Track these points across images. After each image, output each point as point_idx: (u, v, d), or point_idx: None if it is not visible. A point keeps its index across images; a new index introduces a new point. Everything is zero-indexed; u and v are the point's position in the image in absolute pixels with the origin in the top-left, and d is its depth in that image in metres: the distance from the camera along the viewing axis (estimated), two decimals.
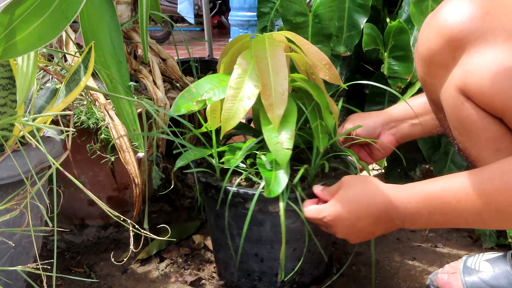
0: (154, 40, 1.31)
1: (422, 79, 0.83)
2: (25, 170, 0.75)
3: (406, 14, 1.21)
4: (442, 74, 0.76)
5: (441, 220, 0.75)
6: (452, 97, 0.74)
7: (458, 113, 0.75)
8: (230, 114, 0.84)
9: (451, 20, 0.73)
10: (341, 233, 0.83)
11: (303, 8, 1.18)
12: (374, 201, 0.79)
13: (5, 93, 0.77)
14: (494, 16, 0.71)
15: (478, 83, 0.70)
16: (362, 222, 0.81)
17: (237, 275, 0.96)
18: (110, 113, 1.03)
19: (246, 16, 3.30)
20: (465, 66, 0.72)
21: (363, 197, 0.81)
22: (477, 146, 0.75)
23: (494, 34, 0.70)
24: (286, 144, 0.82)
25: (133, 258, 1.11)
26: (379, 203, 0.79)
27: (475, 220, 0.72)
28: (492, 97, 0.69)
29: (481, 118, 0.72)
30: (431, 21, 0.77)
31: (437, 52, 0.76)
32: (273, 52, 0.85)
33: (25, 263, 0.82)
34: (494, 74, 0.68)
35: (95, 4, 0.93)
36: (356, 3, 1.23)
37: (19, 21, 0.66)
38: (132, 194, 1.05)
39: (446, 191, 0.73)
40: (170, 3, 5.08)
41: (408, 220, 0.78)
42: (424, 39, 0.78)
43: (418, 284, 1.05)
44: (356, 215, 0.80)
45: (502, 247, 1.17)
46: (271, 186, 0.82)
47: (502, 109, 0.70)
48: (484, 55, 0.70)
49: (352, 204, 0.81)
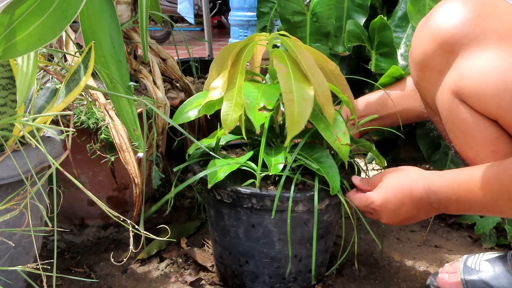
0: (154, 40, 1.31)
1: (416, 83, 0.84)
2: (25, 170, 0.75)
3: (402, 12, 1.21)
4: (437, 78, 0.77)
5: (466, 206, 0.78)
6: (447, 101, 0.75)
7: (453, 117, 0.75)
8: (294, 118, 0.80)
9: (444, 24, 0.73)
10: (386, 218, 0.87)
11: (300, 7, 1.18)
12: (416, 186, 0.83)
13: (5, 93, 0.77)
14: (486, 20, 0.71)
15: (472, 86, 0.70)
16: (406, 206, 0.84)
17: (271, 282, 0.96)
18: (110, 113, 1.03)
19: (246, 16, 3.30)
20: (459, 69, 0.72)
21: (406, 183, 0.84)
22: (474, 148, 0.76)
23: (486, 37, 0.70)
24: (343, 140, 0.85)
25: (133, 258, 1.11)
26: (419, 187, 0.83)
27: (494, 208, 0.74)
28: (486, 100, 0.69)
29: (476, 121, 0.73)
30: (424, 25, 0.77)
31: (430, 56, 0.76)
32: (301, 54, 0.85)
33: (25, 263, 0.82)
34: (487, 77, 0.69)
35: (95, 4, 0.93)
36: (355, 3, 1.22)
37: (19, 21, 0.66)
38: (132, 194, 1.05)
39: (470, 179, 0.75)
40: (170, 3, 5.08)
41: (442, 205, 0.81)
42: (417, 43, 0.79)
43: (418, 284, 1.05)
44: (401, 199, 0.84)
45: (502, 247, 1.17)
46: (332, 183, 0.85)
47: (497, 111, 0.70)
48: (477, 58, 0.70)
49: (397, 190, 0.84)
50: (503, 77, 0.68)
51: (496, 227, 1.18)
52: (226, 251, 0.96)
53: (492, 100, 0.69)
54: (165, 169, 1.31)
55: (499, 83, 0.68)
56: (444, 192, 0.80)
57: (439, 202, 0.81)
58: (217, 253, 1.00)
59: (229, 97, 0.84)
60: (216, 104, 0.88)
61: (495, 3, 0.74)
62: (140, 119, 0.99)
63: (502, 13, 0.72)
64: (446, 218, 1.31)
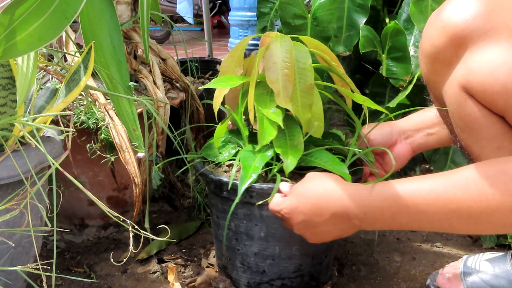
0: (154, 40, 1.31)
1: (426, 76, 0.83)
2: (25, 170, 0.75)
3: (406, 14, 1.21)
4: (446, 71, 0.76)
5: (404, 222, 0.74)
6: (455, 95, 0.74)
7: (460, 111, 0.74)
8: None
9: (455, 17, 0.73)
10: (297, 227, 0.82)
11: (301, 11, 1.18)
12: (332, 197, 0.78)
13: (5, 93, 0.77)
14: (498, 14, 0.71)
15: (480, 81, 0.70)
16: (318, 218, 0.79)
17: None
18: (110, 113, 1.03)
19: (246, 16, 3.30)
20: (468, 63, 0.72)
21: (321, 193, 0.79)
22: (479, 143, 0.75)
23: (497, 32, 0.70)
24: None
25: (133, 258, 1.11)
26: (336, 199, 0.77)
27: (442, 225, 0.71)
28: (494, 95, 0.69)
29: (483, 116, 0.72)
30: (436, 18, 0.77)
31: (441, 49, 0.75)
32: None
33: (25, 263, 0.82)
34: (496, 72, 0.68)
35: (95, 4, 0.93)
36: (355, 3, 1.22)
37: (19, 21, 0.66)
38: (132, 194, 1.05)
39: (416, 193, 0.72)
40: (170, 3, 5.08)
41: (368, 220, 0.76)
42: (428, 36, 0.78)
43: (418, 284, 1.05)
44: (312, 209, 0.79)
45: (502, 247, 1.17)
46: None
47: (504, 107, 0.69)
48: (487, 52, 0.70)
49: (308, 198, 0.79)
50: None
51: None
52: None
53: (500, 95, 0.69)
54: (165, 169, 1.31)
55: (507, 79, 0.67)
56: (375, 207, 0.75)
57: (363, 217, 0.76)
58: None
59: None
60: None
61: None
62: (140, 119, 0.99)
63: None
64: None
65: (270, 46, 0.86)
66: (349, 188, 0.78)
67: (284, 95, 0.83)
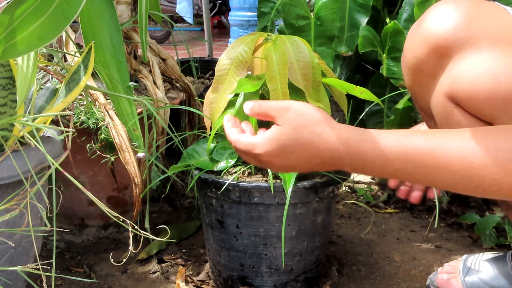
0: (154, 40, 1.31)
1: (410, 87, 0.83)
2: (25, 170, 0.75)
3: (407, 14, 1.21)
4: (430, 82, 0.77)
5: (417, 173, 0.64)
6: (442, 105, 0.74)
7: (448, 120, 0.75)
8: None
9: (436, 28, 0.73)
10: (274, 168, 0.71)
11: (304, 11, 1.18)
12: (324, 147, 0.65)
13: (5, 93, 0.77)
14: (478, 23, 0.71)
15: (465, 89, 0.70)
16: (305, 166, 0.68)
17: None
18: (110, 113, 1.03)
19: (246, 16, 3.30)
20: (452, 73, 0.72)
21: (308, 146, 0.66)
22: None
23: (479, 40, 0.70)
24: None
25: (133, 258, 1.11)
26: (331, 148, 0.65)
27: (447, 183, 0.64)
28: (480, 102, 0.69)
29: (471, 124, 0.72)
30: (416, 30, 0.77)
31: (423, 60, 0.76)
32: None
33: (25, 263, 0.82)
34: (481, 79, 0.68)
35: (95, 4, 0.93)
36: (357, 3, 1.23)
37: (19, 21, 0.66)
38: (132, 194, 1.05)
39: (439, 148, 0.64)
40: (170, 3, 5.07)
41: (367, 167, 0.66)
42: (410, 48, 0.79)
43: (418, 284, 1.05)
44: (296, 161, 0.67)
45: (502, 247, 1.17)
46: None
47: (491, 114, 0.70)
48: (470, 61, 0.70)
49: (293, 154, 0.66)
50: (497, 79, 0.68)
51: (496, 227, 1.18)
52: None
53: (486, 102, 0.69)
54: (164, 169, 1.31)
55: (492, 85, 0.68)
56: (384, 156, 0.63)
57: (361, 164, 0.65)
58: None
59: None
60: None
61: (486, 6, 0.74)
62: (140, 119, 0.99)
63: (493, 16, 0.73)
64: (446, 218, 1.31)
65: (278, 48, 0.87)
66: (351, 138, 0.65)
67: (307, 94, 0.86)
